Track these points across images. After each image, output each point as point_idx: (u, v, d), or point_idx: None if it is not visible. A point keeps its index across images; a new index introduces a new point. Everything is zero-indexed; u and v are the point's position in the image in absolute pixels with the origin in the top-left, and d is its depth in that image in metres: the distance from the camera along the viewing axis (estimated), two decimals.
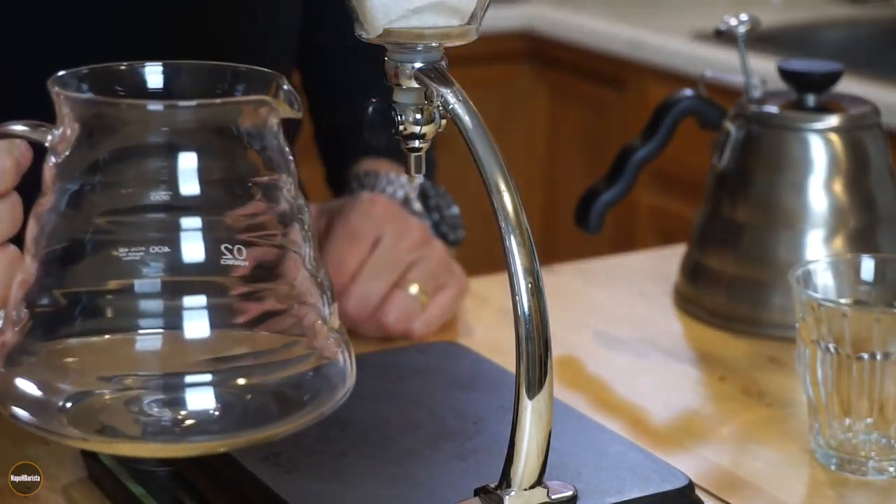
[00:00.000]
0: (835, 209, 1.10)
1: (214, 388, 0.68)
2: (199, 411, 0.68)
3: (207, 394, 0.68)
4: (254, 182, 0.70)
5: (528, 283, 0.72)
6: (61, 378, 0.69)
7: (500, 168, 0.72)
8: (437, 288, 1.07)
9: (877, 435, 0.88)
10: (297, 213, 0.71)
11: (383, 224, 1.07)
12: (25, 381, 0.69)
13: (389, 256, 1.06)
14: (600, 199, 1.17)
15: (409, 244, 1.07)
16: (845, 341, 0.87)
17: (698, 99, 1.17)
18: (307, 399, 0.70)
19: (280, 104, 0.69)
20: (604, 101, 2.60)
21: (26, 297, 0.69)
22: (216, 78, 0.73)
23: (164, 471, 0.83)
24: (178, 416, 0.68)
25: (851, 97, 1.15)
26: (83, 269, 0.69)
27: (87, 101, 0.70)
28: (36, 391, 0.69)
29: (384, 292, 1.05)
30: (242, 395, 0.69)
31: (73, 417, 0.68)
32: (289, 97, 0.70)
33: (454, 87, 0.74)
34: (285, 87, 0.70)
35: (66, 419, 0.68)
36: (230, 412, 0.68)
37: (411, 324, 1.05)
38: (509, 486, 0.73)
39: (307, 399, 0.70)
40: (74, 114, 0.69)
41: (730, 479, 0.88)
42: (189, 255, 0.68)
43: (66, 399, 0.69)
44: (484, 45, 1.10)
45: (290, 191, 0.71)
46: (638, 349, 1.08)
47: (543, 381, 0.72)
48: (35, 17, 1.04)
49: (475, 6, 0.74)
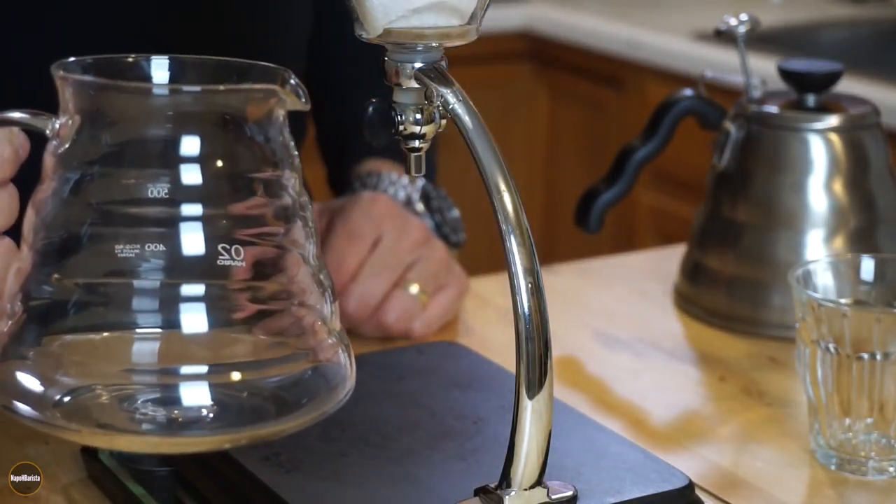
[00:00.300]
0: (835, 209, 1.10)
1: (210, 387, 0.68)
2: (194, 409, 0.67)
3: (203, 392, 0.68)
4: (257, 176, 0.69)
5: (528, 283, 0.72)
6: (57, 372, 0.68)
7: (500, 168, 0.72)
8: (438, 288, 1.07)
9: (877, 435, 0.88)
10: (300, 209, 0.71)
11: (384, 223, 1.07)
12: (22, 373, 0.68)
13: (390, 256, 1.06)
14: (600, 199, 1.17)
15: (410, 244, 1.07)
16: (845, 341, 0.87)
17: (698, 99, 1.17)
18: (305, 400, 0.70)
19: (288, 95, 0.69)
20: (603, 101, 2.60)
21: (22, 287, 0.69)
22: (222, 73, 0.72)
23: (164, 471, 0.83)
24: (173, 415, 0.67)
25: (851, 97, 1.15)
26: (81, 260, 0.68)
27: (91, 84, 0.69)
28: (31, 385, 0.68)
29: (384, 292, 1.05)
30: (239, 394, 0.69)
31: (68, 412, 0.68)
32: (296, 89, 0.69)
33: (454, 87, 0.74)
34: (292, 81, 0.69)
35: (61, 413, 0.68)
36: (226, 411, 0.68)
37: (411, 324, 1.05)
38: (509, 486, 0.73)
39: (305, 400, 0.70)
40: (78, 100, 0.68)
41: (730, 479, 0.88)
42: (189, 249, 0.67)
43: (62, 393, 0.68)
44: (484, 45, 1.10)
45: (293, 187, 0.70)
46: (638, 349, 1.08)
47: (543, 381, 0.72)
48: (35, 17, 1.04)
49: (475, 6, 0.74)
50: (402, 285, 1.06)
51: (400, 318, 1.05)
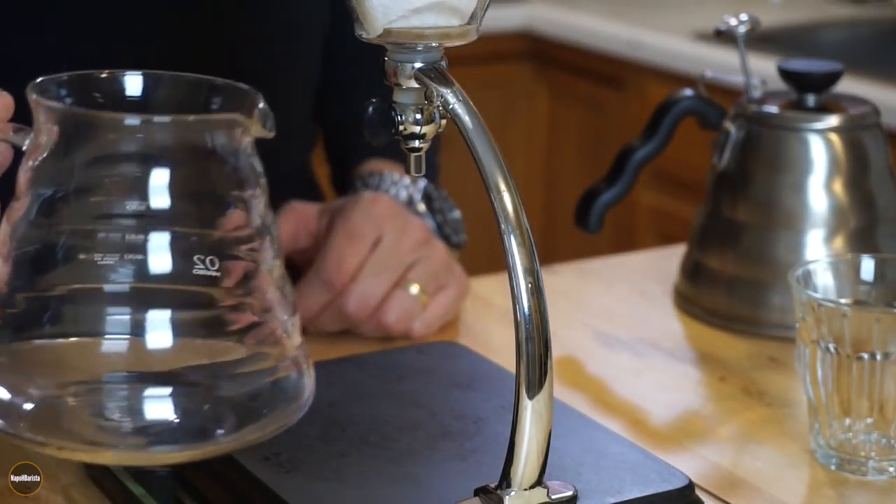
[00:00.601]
0: (835, 209, 1.10)
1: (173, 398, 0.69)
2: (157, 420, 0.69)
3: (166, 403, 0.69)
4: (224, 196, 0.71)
5: (528, 283, 0.72)
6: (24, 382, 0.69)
7: (500, 168, 0.72)
8: (438, 288, 1.07)
9: (877, 435, 0.88)
10: (266, 228, 0.72)
11: (384, 223, 1.07)
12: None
13: (391, 256, 1.06)
14: (600, 199, 1.17)
15: (411, 244, 1.07)
16: (845, 341, 0.87)
17: (698, 99, 1.17)
18: (266, 411, 0.71)
19: (253, 123, 0.70)
20: (603, 101, 2.60)
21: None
22: (194, 90, 0.74)
23: (164, 471, 0.83)
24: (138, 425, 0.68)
25: (851, 97, 1.15)
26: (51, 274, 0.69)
27: (64, 109, 0.71)
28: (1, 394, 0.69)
29: (384, 292, 1.05)
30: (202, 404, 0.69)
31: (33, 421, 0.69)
32: (263, 116, 0.70)
33: (454, 87, 0.74)
34: (260, 106, 0.70)
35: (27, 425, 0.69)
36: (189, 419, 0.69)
37: (411, 324, 1.05)
38: (509, 486, 0.73)
39: (266, 411, 0.71)
40: (51, 121, 0.70)
41: (730, 479, 0.88)
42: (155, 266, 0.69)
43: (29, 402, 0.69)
44: (484, 45, 1.10)
45: (258, 207, 0.72)
46: (638, 349, 1.08)
47: (543, 381, 0.72)
48: (35, 18, 1.04)
49: (475, 6, 0.75)
50: (402, 285, 1.06)
51: (400, 319, 1.05)
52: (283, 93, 1.16)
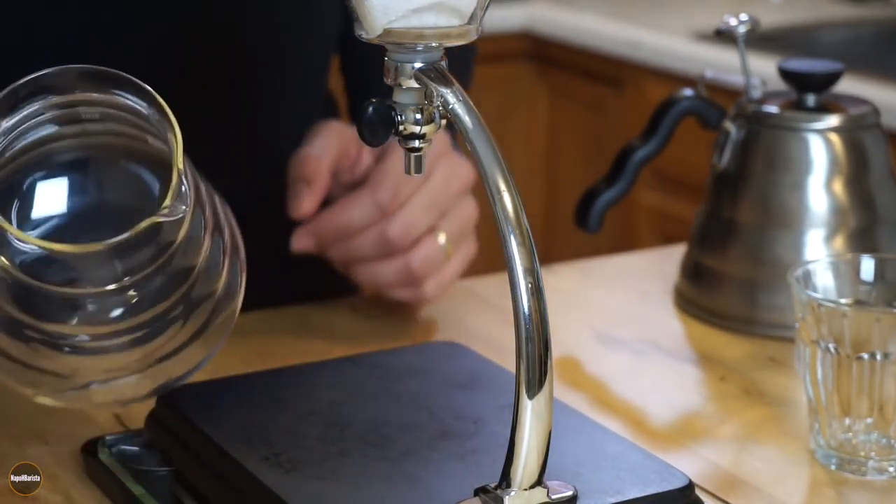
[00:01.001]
0: (835, 209, 1.10)
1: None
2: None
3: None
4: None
5: (528, 283, 0.72)
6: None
7: (500, 168, 0.72)
8: (458, 244, 1.06)
9: (877, 435, 0.88)
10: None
11: (438, 159, 1.05)
12: None
13: (440, 193, 1.04)
14: (600, 199, 1.17)
15: (458, 186, 1.05)
16: (845, 341, 0.87)
17: (698, 99, 1.17)
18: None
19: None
20: (603, 101, 2.61)
21: None
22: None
23: (164, 471, 0.83)
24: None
25: (851, 97, 1.15)
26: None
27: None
28: None
29: (429, 226, 1.03)
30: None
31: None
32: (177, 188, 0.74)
33: (454, 87, 0.74)
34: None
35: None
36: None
37: (431, 273, 1.04)
38: (509, 486, 0.73)
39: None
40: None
41: (730, 479, 0.88)
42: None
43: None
44: (484, 45, 1.10)
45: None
46: (638, 349, 1.08)
47: (543, 381, 0.72)
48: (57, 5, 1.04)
49: (475, 6, 0.74)
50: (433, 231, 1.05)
51: (424, 263, 1.03)
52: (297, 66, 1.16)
